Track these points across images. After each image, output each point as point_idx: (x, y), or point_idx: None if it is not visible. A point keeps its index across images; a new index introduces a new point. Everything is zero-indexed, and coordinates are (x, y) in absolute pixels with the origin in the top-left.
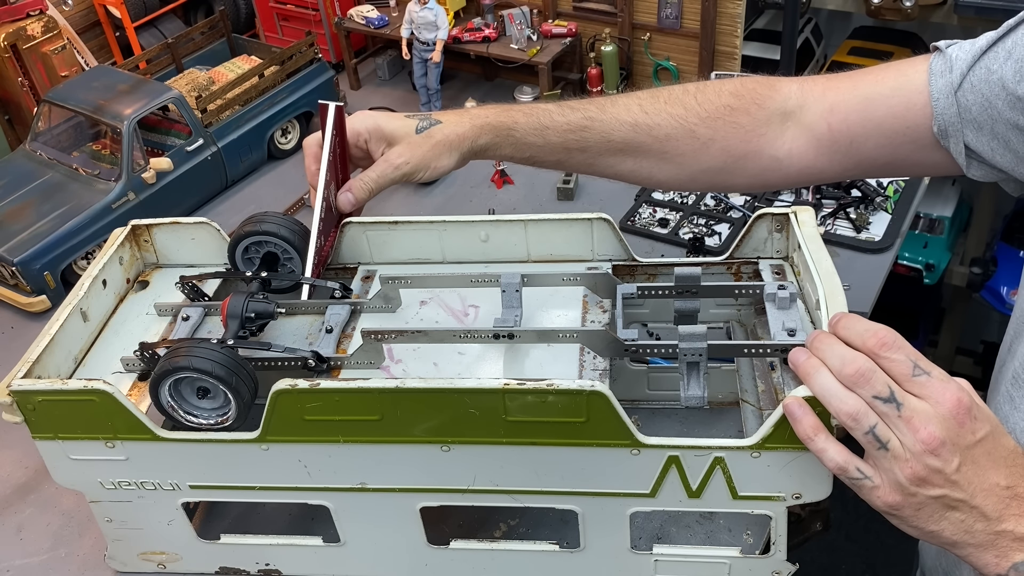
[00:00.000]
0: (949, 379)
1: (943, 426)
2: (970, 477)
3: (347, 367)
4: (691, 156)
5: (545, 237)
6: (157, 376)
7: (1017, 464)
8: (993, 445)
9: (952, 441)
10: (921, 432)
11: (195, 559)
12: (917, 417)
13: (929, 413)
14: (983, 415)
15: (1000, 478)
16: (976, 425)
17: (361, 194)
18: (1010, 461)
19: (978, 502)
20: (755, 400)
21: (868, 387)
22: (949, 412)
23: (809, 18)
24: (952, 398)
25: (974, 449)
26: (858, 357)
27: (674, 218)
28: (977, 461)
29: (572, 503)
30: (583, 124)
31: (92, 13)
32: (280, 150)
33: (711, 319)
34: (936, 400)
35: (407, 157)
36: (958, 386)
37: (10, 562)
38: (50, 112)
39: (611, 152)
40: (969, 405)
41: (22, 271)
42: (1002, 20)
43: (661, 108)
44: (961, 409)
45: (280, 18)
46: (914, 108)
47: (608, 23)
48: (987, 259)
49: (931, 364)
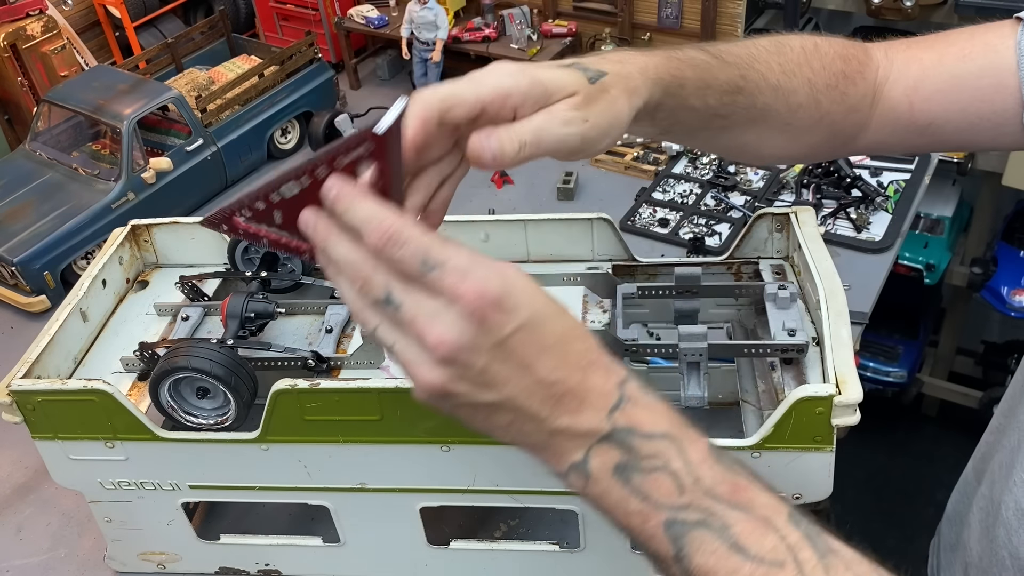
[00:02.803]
0: (470, 269)
1: (456, 326)
2: (505, 376)
3: (347, 367)
4: (806, 130)
5: (545, 237)
6: (157, 376)
7: (570, 351)
8: (533, 336)
9: (472, 342)
10: (428, 336)
11: (195, 559)
12: (421, 319)
13: (437, 312)
14: (517, 303)
15: (545, 372)
16: (505, 318)
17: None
18: (559, 350)
19: (520, 403)
20: (755, 400)
21: (368, 293)
22: (468, 308)
23: (809, 18)
24: (471, 290)
25: (506, 344)
26: (354, 258)
27: (674, 218)
28: (512, 357)
29: (572, 503)
30: (738, 85)
31: (92, 13)
32: (280, 150)
33: (711, 319)
34: (452, 296)
35: (582, 113)
36: (482, 276)
37: (10, 562)
38: (50, 112)
39: (746, 122)
40: (497, 296)
41: (22, 271)
42: (1003, 20)
43: (796, 70)
44: (485, 302)
45: (280, 18)
46: (1004, 90)
47: (608, 23)
48: (987, 259)
49: (450, 253)
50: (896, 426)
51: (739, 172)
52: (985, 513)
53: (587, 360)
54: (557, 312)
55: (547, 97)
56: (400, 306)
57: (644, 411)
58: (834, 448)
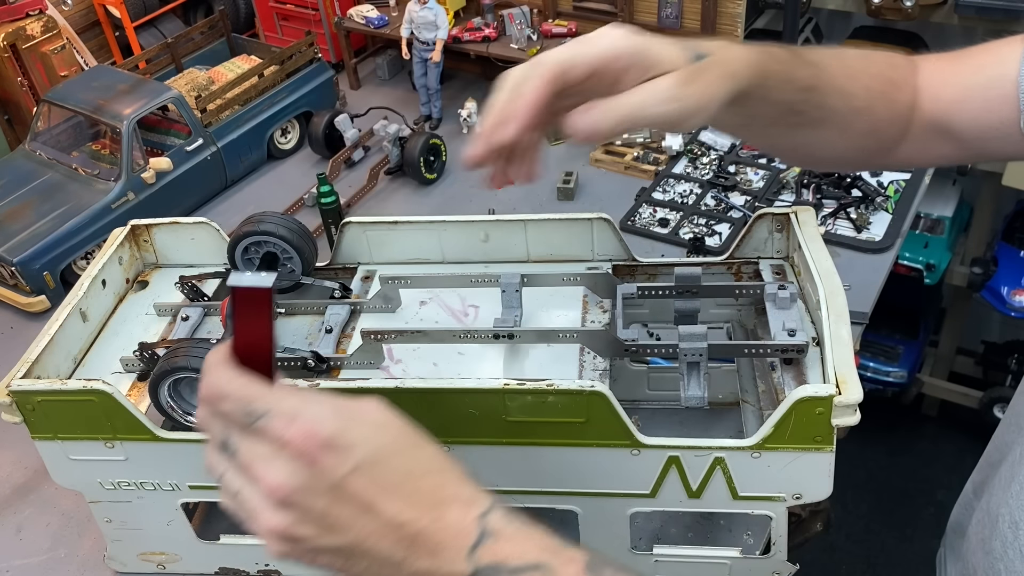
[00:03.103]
0: (299, 411)
1: (287, 470)
2: (347, 519)
3: (347, 367)
4: (860, 135)
5: (545, 237)
6: (156, 376)
7: (418, 489)
8: (373, 475)
9: (306, 484)
10: (264, 480)
11: (195, 559)
12: (258, 463)
13: (272, 457)
14: (351, 442)
15: (391, 513)
16: (338, 459)
17: (605, 123)
18: (405, 489)
19: (370, 547)
20: (755, 400)
21: (213, 440)
22: (296, 451)
23: (809, 18)
24: (298, 434)
25: (343, 486)
26: (200, 412)
27: (674, 218)
28: (352, 499)
29: (572, 503)
30: (812, 83)
31: (92, 13)
32: (280, 150)
33: (711, 319)
34: (280, 441)
35: (682, 91)
36: (312, 417)
37: (10, 562)
38: (50, 112)
39: (814, 122)
40: (327, 436)
41: (22, 271)
42: (1002, 20)
43: (856, 74)
44: (313, 444)
45: (280, 18)
46: (1008, 101)
47: (608, 23)
48: (988, 259)
49: (274, 399)
50: (896, 426)
51: (739, 172)
52: (982, 525)
53: (439, 497)
54: (406, 447)
55: (651, 68)
56: (236, 452)
57: (509, 544)
58: (834, 448)
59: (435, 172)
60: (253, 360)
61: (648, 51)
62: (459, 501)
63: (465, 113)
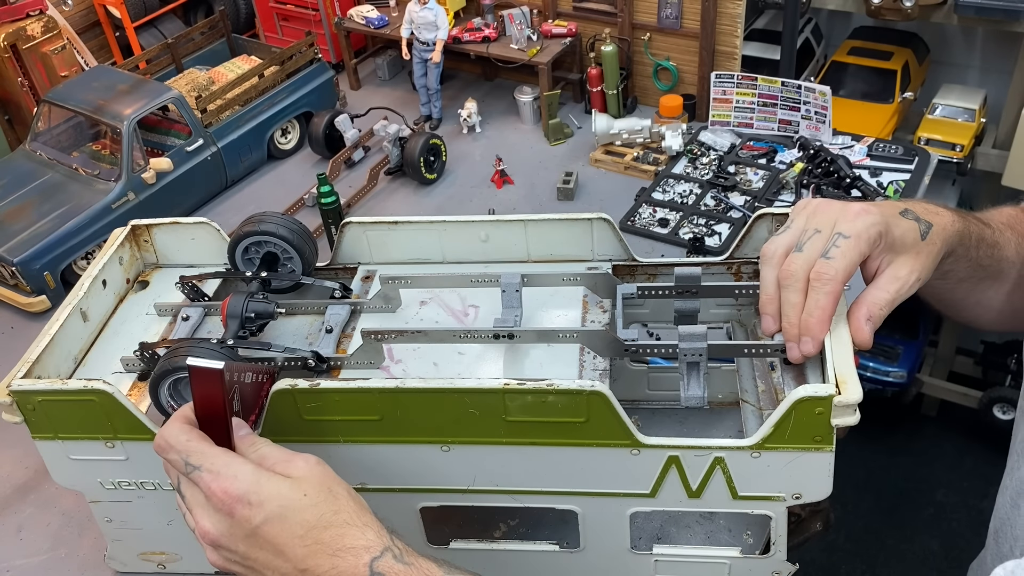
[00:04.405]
0: (223, 471)
1: (213, 519)
2: (264, 561)
3: (347, 367)
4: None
5: (545, 237)
6: (157, 376)
7: (319, 539)
8: (282, 526)
9: (228, 532)
10: (198, 526)
11: (195, 559)
12: (195, 509)
13: (204, 505)
14: (262, 498)
15: (298, 559)
16: (252, 512)
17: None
18: (309, 539)
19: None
20: (755, 400)
21: (173, 483)
22: (218, 504)
23: (809, 18)
24: (218, 490)
25: (258, 534)
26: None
27: (674, 218)
28: (266, 545)
29: (572, 503)
30: (996, 240)
31: (92, 13)
32: (280, 150)
33: (711, 319)
34: (207, 493)
35: (918, 272)
36: (231, 475)
37: (10, 562)
38: (50, 112)
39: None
40: (241, 493)
41: (22, 271)
42: (1002, 20)
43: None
44: (230, 499)
45: (280, 18)
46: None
47: (608, 23)
48: None
49: (206, 456)
50: (896, 426)
51: (739, 172)
52: None
53: (337, 547)
54: (316, 502)
55: (894, 246)
56: (184, 496)
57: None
58: (834, 448)
59: (435, 172)
60: (210, 423)
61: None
62: (354, 550)
63: (465, 113)
